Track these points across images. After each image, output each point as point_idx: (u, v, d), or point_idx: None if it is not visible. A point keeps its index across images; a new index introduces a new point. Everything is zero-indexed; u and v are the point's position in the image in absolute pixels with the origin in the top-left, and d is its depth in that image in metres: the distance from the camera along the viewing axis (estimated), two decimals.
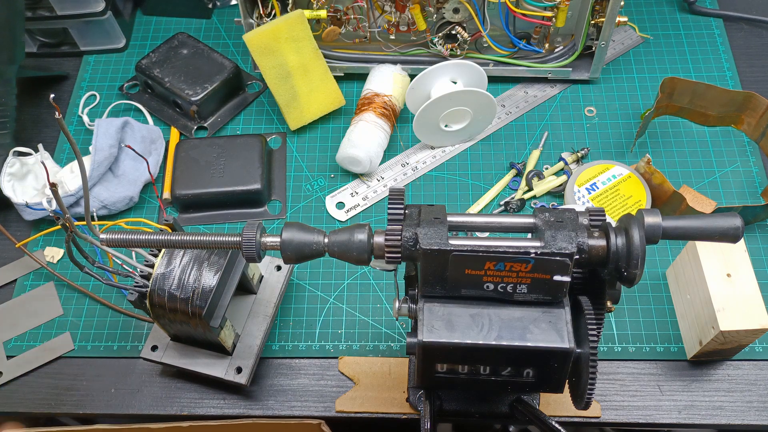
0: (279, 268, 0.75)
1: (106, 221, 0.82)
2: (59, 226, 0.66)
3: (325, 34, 0.87)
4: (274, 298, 0.73)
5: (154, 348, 0.70)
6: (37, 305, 0.78)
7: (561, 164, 0.84)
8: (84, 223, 0.57)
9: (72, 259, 0.59)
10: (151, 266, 0.63)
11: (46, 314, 0.78)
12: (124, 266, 0.66)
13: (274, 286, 0.74)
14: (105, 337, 0.76)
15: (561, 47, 0.89)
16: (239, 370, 0.68)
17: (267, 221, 0.83)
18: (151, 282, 0.63)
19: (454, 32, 0.86)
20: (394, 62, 0.89)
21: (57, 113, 0.47)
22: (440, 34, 0.87)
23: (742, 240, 0.69)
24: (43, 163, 0.65)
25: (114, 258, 0.66)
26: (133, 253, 0.72)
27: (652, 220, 0.51)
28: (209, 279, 0.63)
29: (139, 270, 0.63)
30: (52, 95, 0.53)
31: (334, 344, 0.75)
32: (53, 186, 0.50)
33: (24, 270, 0.81)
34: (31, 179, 0.82)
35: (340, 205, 0.84)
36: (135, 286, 0.63)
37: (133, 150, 0.79)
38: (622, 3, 0.80)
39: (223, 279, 0.64)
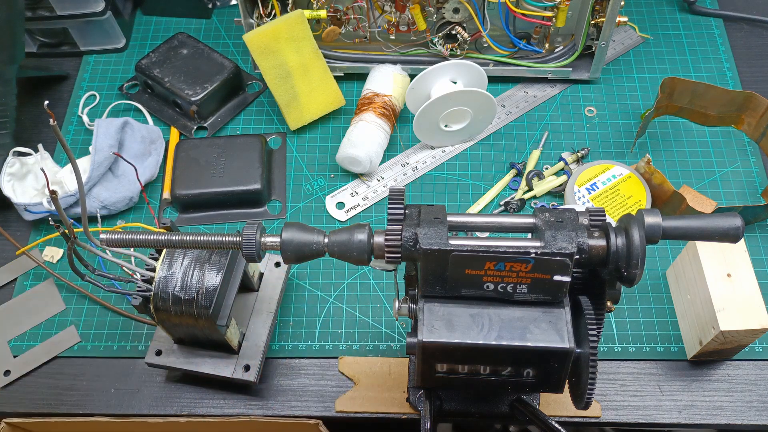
0: (278, 264, 0.75)
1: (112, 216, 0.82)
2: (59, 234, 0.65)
3: (325, 34, 0.87)
4: (276, 294, 0.73)
5: (158, 353, 0.69)
6: (38, 302, 0.78)
7: (561, 164, 0.84)
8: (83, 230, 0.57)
9: (73, 268, 0.59)
10: (153, 270, 0.63)
11: (48, 310, 0.78)
12: (125, 269, 0.66)
13: (275, 283, 0.74)
14: (105, 338, 0.76)
15: (561, 47, 0.89)
16: (247, 368, 0.68)
17: (267, 221, 0.83)
18: (153, 285, 0.62)
19: (454, 32, 0.86)
20: (394, 62, 0.89)
21: (52, 120, 0.47)
22: (440, 34, 0.87)
23: (743, 240, 0.69)
24: (42, 170, 0.65)
25: (115, 263, 0.65)
26: (133, 260, 0.72)
27: (652, 220, 0.51)
28: (212, 278, 0.63)
29: (140, 275, 0.63)
30: (46, 102, 0.52)
31: (334, 344, 0.75)
32: (53, 193, 0.50)
33: (24, 270, 0.81)
34: (31, 179, 0.82)
35: (340, 205, 0.84)
36: (138, 291, 0.63)
37: (122, 158, 0.80)
38: (622, 3, 0.80)
39: (226, 278, 0.64)
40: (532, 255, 0.48)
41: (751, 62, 0.94)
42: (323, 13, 0.84)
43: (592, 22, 0.84)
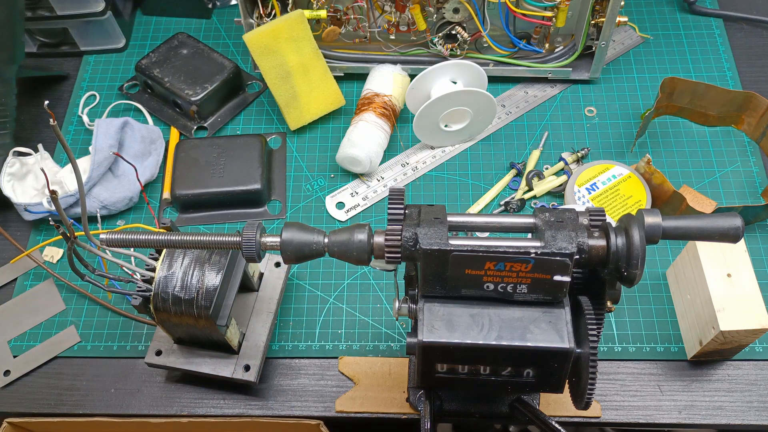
0: (278, 264, 0.75)
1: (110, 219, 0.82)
2: (60, 236, 0.65)
3: (325, 34, 0.87)
4: (276, 294, 0.73)
5: (158, 353, 0.69)
6: (38, 302, 0.78)
7: (561, 164, 0.84)
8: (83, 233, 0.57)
9: (73, 269, 0.59)
10: (153, 270, 0.63)
11: (48, 310, 0.78)
12: (125, 269, 0.66)
13: (275, 283, 0.74)
14: (105, 338, 0.76)
15: (561, 47, 0.89)
16: (247, 368, 0.68)
17: (267, 221, 0.83)
18: (153, 285, 0.62)
19: (454, 32, 0.86)
20: (394, 62, 0.89)
21: (52, 120, 0.47)
22: (440, 34, 0.87)
23: (743, 240, 0.69)
24: (42, 170, 0.65)
25: (115, 263, 0.65)
26: (133, 260, 0.72)
27: (652, 220, 0.51)
28: (212, 278, 0.63)
29: (140, 275, 0.63)
30: (46, 102, 0.53)
31: (334, 344, 0.75)
32: (53, 193, 0.50)
33: (24, 270, 0.81)
34: (31, 179, 0.82)
35: (340, 205, 0.84)
36: (138, 291, 0.63)
37: (122, 158, 0.79)
38: (622, 3, 0.80)
39: (226, 277, 0.64)
40: (532, 255, 0.48)
41: (751, 62, 0.94)
42: (323, 13, 0.84)
43: (592, 22, 0.84)
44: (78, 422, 0.71)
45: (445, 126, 0.85)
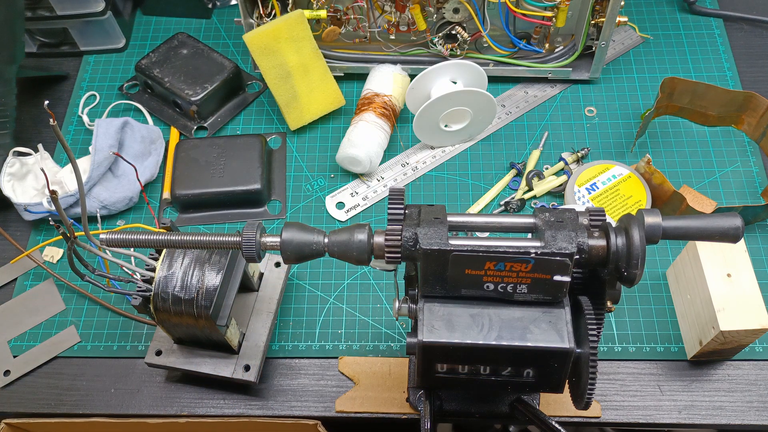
0: (278, 264, 0.75)
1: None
2: (60, 236, 0.65)
3: (325, 34, 0.87)
4: (276, 294, 0.73)
5: (158, 353, 0.69)
6: (38, 302, 0.78)
7: (561, 164, 0.84)
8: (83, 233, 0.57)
9: (73, 269, 0.59)
10: (153, 270, 0.63)
11: (48, 310, 0.78)
12: (125, 269, 0.66)
13: (275, 283, 0.74)
14: (105, 338, 0.76)
15: (561, 47, 0.89)
16: (247, 368, 0.68)
17: (267, 221, 0.83)
18: (153, 285, 0.62)
19: (454, 32, 0.86)
20: (394, 62, 0.89)
21: (52, 120, 0.47)
22: (440, 34, 0.87)
23: (742, 240, 0.69)
24: (42, 170, 0.65)
25: (115, 263, 0.65)
26: (133, 260, 0.72)
27: (652, 220, 0.51)
28: (212, 278, 0.63)
29: (140, 275, 0.63)
30: (46, 102, 0.53)
31: (334, 344, 0.75)
32: (53, 193, 0.50)
33: (24, 270, 0.81)
34: (31, 179, 0.82)
35: (340, 205, 0.84)
36: (138, 291, 0.63)
37: (122, 158, 0.79)
38: (622, 3, 0.80)
39: (226, 277, 0.64)
40: (532, 255, 0.48)
41: (751, 62, 0.94)
42: (323, 13, 0.84)
43: (592, 22, 0.84)
44: (77, 423, 0.71)
45: (445, 126, 0.85)
